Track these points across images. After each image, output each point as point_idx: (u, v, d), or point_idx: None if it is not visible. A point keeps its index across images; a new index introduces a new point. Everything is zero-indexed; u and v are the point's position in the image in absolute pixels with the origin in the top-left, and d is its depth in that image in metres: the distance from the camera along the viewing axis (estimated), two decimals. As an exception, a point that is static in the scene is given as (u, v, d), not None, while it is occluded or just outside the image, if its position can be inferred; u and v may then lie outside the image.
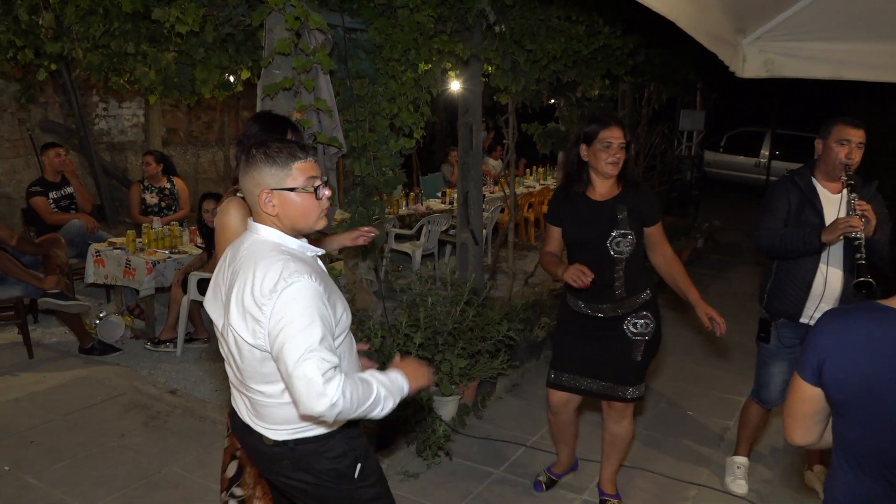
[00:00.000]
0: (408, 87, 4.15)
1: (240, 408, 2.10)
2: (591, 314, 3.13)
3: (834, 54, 3.32)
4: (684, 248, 8.37)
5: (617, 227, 2.99)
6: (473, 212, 5.35)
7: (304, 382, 1.74)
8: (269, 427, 2.00)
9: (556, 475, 3.62)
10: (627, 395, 3.15)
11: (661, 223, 3.13)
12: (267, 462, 2.08)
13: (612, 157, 2.98)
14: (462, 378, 4.07)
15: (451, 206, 7.81)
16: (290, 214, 1.94)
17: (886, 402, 1.54)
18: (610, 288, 3.04)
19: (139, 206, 6.29)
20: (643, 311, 3.10)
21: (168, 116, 9.37)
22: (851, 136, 3.09)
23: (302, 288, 1.81)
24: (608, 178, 3.05)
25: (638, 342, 3.09)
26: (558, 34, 5.01)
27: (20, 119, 7.91)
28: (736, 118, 15.00)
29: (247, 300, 1.85)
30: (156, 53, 3.88)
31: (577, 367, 3.21)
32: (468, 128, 5.26)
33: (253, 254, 1.91)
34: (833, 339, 1.60)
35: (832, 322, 1.63)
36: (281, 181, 1.91)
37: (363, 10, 3.94)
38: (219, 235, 2.68)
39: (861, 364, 1.56)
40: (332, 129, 3.73)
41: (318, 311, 1.82)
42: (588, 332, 3.17)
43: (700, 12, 2.82)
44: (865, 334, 1.57)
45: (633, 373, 3.13)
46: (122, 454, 3.83)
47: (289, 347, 1.76)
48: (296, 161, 1.92)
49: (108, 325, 5.32)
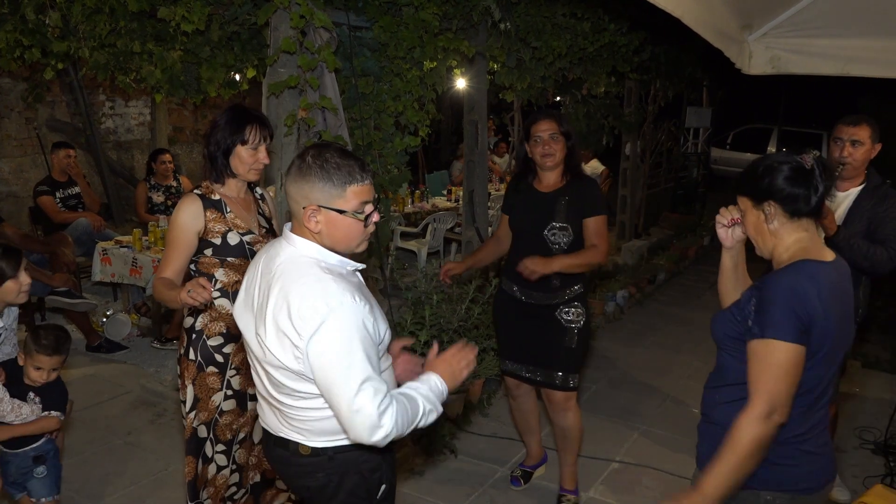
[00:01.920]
0: (413, 84, 4.14)
1: (268, 420, 2.00)
2: (524, 300, 3.21)
3: (841, 50, 3.30)
4: (690, 246, 8.35)
5: (554, 219, 3.07)
6: (479, 209, 5.35)
7: (360, 417, 1.68)
8: (308, 437, 1.90)
9: (530, 467, 3.66)
10: (562, 383, 3.19)
11: (604, 219, 3.10)
12: (298, 476, 1.97)
13: (542, 150, 3.08)
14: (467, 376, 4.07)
15: (456, 204, 7.81)
16: (333, 235, 1.83)
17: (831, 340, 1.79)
18: (546, 278, 3.07)
19: (146, 205, 6.30)
20: (575, 302, 3.17)
21: (174, 115, 9.39)
22: (843, 133, 3.14)
23: (347, 314, 1.72)
24: (547, 170, 3.13)
25: (572, 328, 3.16)
26: (564, 31, 5.00)
27: (27, 118, 7.94)
28: (742, 115, 14.97)
29: (282, 322, 1.75)
30: (162, 52, 3.88)
31: (515, 354, 3.31)
32: (474, 125, 5.25)
33: (290, 270, 1.80)
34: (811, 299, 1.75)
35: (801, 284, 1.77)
36: (331, 200, 1.79)
37: (368, 8, 3.94)
38: (169, 233, 2.64)
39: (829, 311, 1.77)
40: (337, 127, 3.73)
41: (362, 338, 1.73)
42: (520, 317, 3.25)
43: (706, 9, 2.81)
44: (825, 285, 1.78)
45: (568, 359, 3.18)
46: (130, 451, 3.84)
47: (341, 382, 1.69)
48: (352, 184, 1.79)
49: (115, 323, 5.34)
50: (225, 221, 2.64)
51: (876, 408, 4.53)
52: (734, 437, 1.77)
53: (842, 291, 1.86)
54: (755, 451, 1.77)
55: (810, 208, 1.83)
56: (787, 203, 1.84)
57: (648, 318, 6.36)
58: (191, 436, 2.70)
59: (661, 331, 5.96)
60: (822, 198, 1.84)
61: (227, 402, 2.73)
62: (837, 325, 1.82)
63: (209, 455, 2.74)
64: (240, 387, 2.74)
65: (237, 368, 2.72)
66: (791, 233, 1.87)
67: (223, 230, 2.62)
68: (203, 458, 2.74)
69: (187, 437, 2.71)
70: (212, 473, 2.75)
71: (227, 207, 2.66)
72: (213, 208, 2.63)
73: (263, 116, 2.71)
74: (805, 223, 1.86)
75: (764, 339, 1.76)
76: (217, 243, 2.62)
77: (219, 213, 2.63)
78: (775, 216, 1.86)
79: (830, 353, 1.83)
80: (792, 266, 1.82)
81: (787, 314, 1.74)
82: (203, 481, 2.75)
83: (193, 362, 2.67)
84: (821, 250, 1.87)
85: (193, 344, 2.67)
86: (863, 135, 3.12)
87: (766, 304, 1.78)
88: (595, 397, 4.63)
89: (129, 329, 5.40)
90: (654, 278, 7.15)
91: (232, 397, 2.74)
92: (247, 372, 2.71)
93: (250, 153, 2.62)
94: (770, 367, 1.75)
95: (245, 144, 2.60)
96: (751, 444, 1.75)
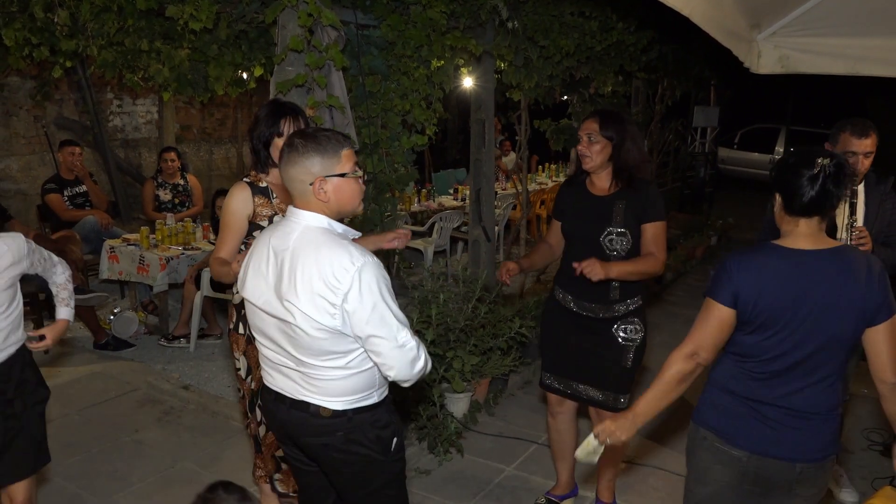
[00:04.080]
0: (420, 83, 4.14)
1: (284, 386, 2.14)
2: (578, 312, 3.02)
3: (850, 50, 3.28)
4: (697, 246, 8.33)
5: (611, 224, 2.90)
6: (485, 208, 5.34)
7: (405, 352, 1.99)
8: (329, 399, 2.07)
9: (557, 497, 3.41)
10: (613, 403, 3.02)
11: (663, 225, 2.94)
12: (317, 436, 2.12)
13: (580, 150, 2.95)
14: (474, 375, 4.07)
15: (463, 203, 7.80)
16: (339, 200, 2.04)
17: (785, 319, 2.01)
18: (604, 288, 2.91)
19: (153, 203, 6.32)
20: (633, 318, 2.98)
21: (182, 113, 9.43)
22: (856, 147, 3.04)
23: (374, 266, 1.97)
24: (590, 171, 2.96)
25: (629, 347, 2.97)
26: (571, 30, 4.99)
27: (36, 116, 7.98)
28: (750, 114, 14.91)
29: (317, 285, 1.94)
30: (169, 50, 3.89)
31: (565, 370, 3.11)
32: (481, 124, 5.25)
33: (309, 241, 2.01)
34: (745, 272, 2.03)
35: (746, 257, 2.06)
36: (331, 168, 2.01)
37: (376, 6, 3.94)
38: (220, 218, 2.86)
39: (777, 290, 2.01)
40: (344, 125, 3.73)
41: (388, 286, 2.00)
42: (574, 332, 3.05)
43: (714, 8, 2.80)
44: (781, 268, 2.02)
45: (623, 380, 3.01)
46: (137, 449, 3.86)
47: (384, 325, 1.95)
48: (343, 148, 2.03)
49: (122, 320, 5.35)
50: (272, 206, 2.84)
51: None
52: (664, 369, 2.15)
53: (822, 277, 1.99)
54: (678, 382, 2.14)
55: (800, 209, 2.00)
56: (785, 200, 2.03)
57: (655, 317, 6.33)
58: (251, 398, 2.98)
59: (667, 330, 5.94)
60: (814, 202, 1.97)
61: None
62: (803, 309, 1.99)
63: (259, 419, 2.98)
64: None
65: None
66: (788, 223, 2.06)
67: (270, 214, 2.83)
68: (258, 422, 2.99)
69: (248, 400, 3.00)
70: (263, 432, 3.01)
71: (274, 194, 2.86)
72: (261, 194, 2.84)
73: (299, 108, 2.88)
74: (798, 220, 2.02)
75: (705, 296, 2.11)
76: (265, 226, 2.80)
77: (266, 199, 2.84)
78: (778, 206, 2.07)
79: (791, 333, 2.01)
80: (758, 245, 2.12)
81: (723, 280, 2.05)
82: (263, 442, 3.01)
83: (243, 336, 2.92)
84: (797, 239, 2.03)
85: (242, 319, 2.89)
86: (873, 143, 3.08)
87: (718, 268, 2.11)
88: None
89: (136, 327, 5.41)
90: (660, 278, 7.13)
91: None
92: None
93: None
94: (702, 318, 2.10)
95: (281, 136, 2.79)
96: (675, 375, 2.13)
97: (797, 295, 1.99)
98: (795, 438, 2.08)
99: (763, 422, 2.10)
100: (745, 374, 2.13)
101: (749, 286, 2.01)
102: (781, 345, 2.03)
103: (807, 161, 1.97)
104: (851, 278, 1.99)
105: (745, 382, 2.13)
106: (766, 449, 2.10)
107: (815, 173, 1.94)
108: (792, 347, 2.03)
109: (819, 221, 2.02)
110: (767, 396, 2.09)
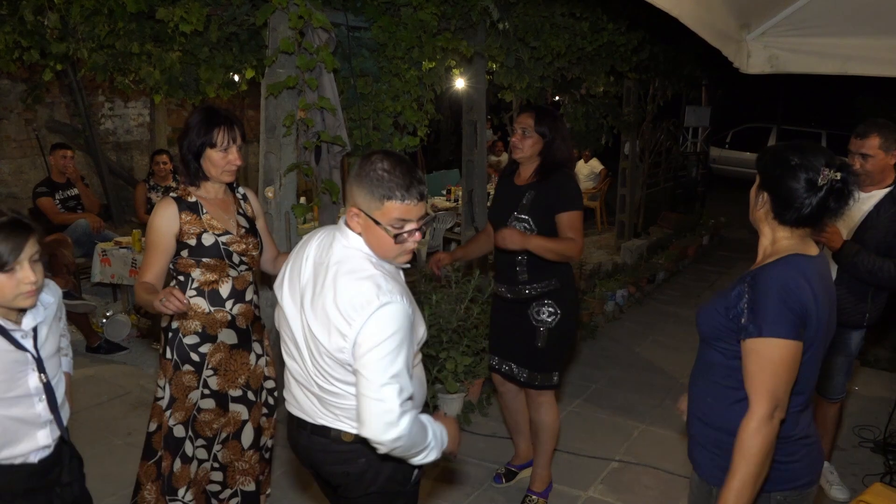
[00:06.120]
0: (412, 85, 4.15)
1: (303, 407, 2.03)
2: (500, 294, 3.26)
3: (840, 49, 3.30)
4: (689, 245, 8.36)
5: (516, 210, 3.08)
6: (478, 209, 5.35)
7: (382, 408, 1.76)
8: (352, 424, 1.93)
9: (516, 467, 3.63)
10: (528, 380, 3.20)
11: (578, 215, 3.02)
12: (338, 463, 2.00)
13: (512, 141, 3.13)
14: (467, 376, 4.08)
15: (455, 204, 7.81)
16: (369, 240, 1.89)
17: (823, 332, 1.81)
18: (513, 270, 3.13)
19: (145, 206, 6.30)
20: (546, 300, 3.13)
21: (173, 116, 9.39)
22: (852, 146, 3.19)
23: (396, 311, 1.79)
24: (519, 162, 3.15)
25: (541, 330, 3.13)
26: (562, 31, 5.00)
27: (27, 119, 7.94)
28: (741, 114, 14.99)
29: (331, 312, 1.82)
30: (160, 53, 3.89)
31: (496, 349, 3.36)
32: (472, 125, 5.26)
33: (341, 261, 1.88)
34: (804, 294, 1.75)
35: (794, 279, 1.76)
36: (370, 209, 1.85)
37: (367, 8, 3.94)
38: (148, 238, 2.62)
39: (820, 304, 1.78)
40: (335, 127, 3.73)
41: (406, 336, 1.81)
42: (503, 314, 3.29)
43: (704, 8, 2.81)
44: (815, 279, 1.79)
45: (537, 359, 3.17)
46: (129, 452, 3.84)
47: (374, 369, 1.76)
48: (390, 200, 1.82)
49: (115, 323, 5.34)
50: (200, 223, 2.62)
51: (875, 406, 4.53)
52: (745, 446, 1.73)
53: (828, 284, 1.87)
54: (767, 455, 1.74)
55: (792, 221, 1.83)
56: (777, 206, 1.84)
57: (648, 317, 6.36)
58: (168, 434, 2.70)
59: (660, 330, 5.96)
60: (810, 218, 1.80)
61: (204, 401, 2.71)
62: (827, 317, 1.83)
63: (189, 454, 2.73)
64: (218, 387, 2.71)
65: (214, 369, 2.70)
66: (776, 229, 1.87)
67: (198, 231, 2.61)
68: (182, 457, 2.72)
69: (164, 434, 2.70)
70: (193, 470, 2.74)
71: (204, 209, 2.65)
72: (189, 210, 2.62)
73: (233, 116, 2.67)
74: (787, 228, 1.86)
75: (762, 337, 1.73)
76: (192, 244, 2.60)
77: (194, 216, 2.62)
78: (764, 206, 1.87)
79: (821, 347, 1.85)
80: (782, 260, 1.81)
81: (782, 310, 1.72)
82: (185, 481, 2.73)
83: (170, 361, 2.67)
84: (807, 245, 1.87)
85: (170, 342, 2.67)
86: (871, 146, 3.12)
87: (761, 300, 1.75)
88: (594, 396, 4.64)
89: (128, 330, 5.40)
90: (653, 277, 7.15)
91: (210, 397, 2.71)
92: (225, 373, 2.71)
93: (221, 155, 2.60)
94: (770, 366, 1.73)
95: (214, 147, 2.58)
96: (763, 449, 1.73)
97: (824, 305, 1.81)
98: (821, 450, 1.98)
99: (815, 444, 1.92)
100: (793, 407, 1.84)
101: (809, 308, 1.75)
102: (812, 363, 1.84)
103: (811, 166, 1.75)
104: (831, 277, 1.94)
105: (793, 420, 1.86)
106: (818, 471, 1.95)
107: (820, 185, 1.73)
108: (816, 362, 1.86)
109: (810, 232, 1.86)
110: (808, 422, 1.91)
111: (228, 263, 2.66)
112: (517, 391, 3.45)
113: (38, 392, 1.99)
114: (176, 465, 2.71)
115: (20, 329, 1.94)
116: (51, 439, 2.06)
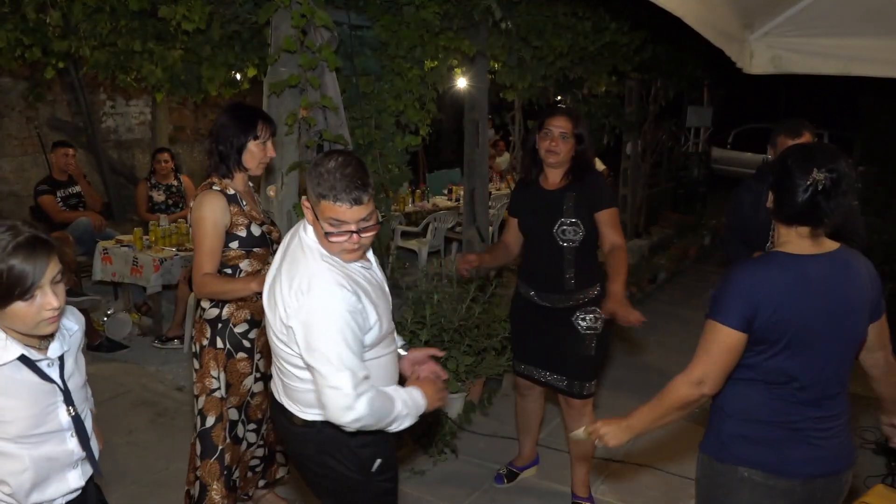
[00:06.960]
0: (414, 84, 4.14)
1: (277, 387, 2.15)
2: (540, 303, 3.16)
3: (842, 50, 3.30)
4: (691, 245, 8.35)
5: (563, 216, 3.02)
6: (479, 209, 5.35)
7: (338, 394, 1.84)
8: (300, 408, 2.05)
9: (517, 468, 3.62)
10: (577, 390, 3.15)
11: (615, 211, 3.07)
12: (294, 444, 2.13)
13: (548, 145, 3.02)
14: (468, 375, 4.07)
15: (457, 204, 7.81)
16: (316, 232, 1.97)
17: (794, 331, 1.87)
18: (560, 278, 3.06)
19: (146, 204, 6.30)
20: (592, 307, 3.09)
21: (175, 114, 9.40)
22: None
23: (339, 297, 1.87)
24: (549, 166, 3.09)
25: (589, 336, 3.10)
26: (565, 30, 4.99)
27: (28, 117, 7.95)
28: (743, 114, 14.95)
29: (278, 297, 1.95)
30: (162, 51, 3.89)
31: (530, 357, 3.26)
32: (474, 125, 5.25)
33: (296, 253, 1.98)
34: (761, 288, 1.86)
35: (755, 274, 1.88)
36: (313, 203, 1.93)
37: (369, 7, 3.94)
38: (194, 230, 2.69)
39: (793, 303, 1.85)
40: (337, 126, 3.73)
41: (346, 322, 1.86)
42: (538, 322, 3.19)
43: (707, 8, 2.81)
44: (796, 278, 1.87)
45: (586, 367, 3.14)
46: (130, 451, 3.84)
47: (321, 356, 1.84)
48: (325, 199, 1.87)
49: (116, 322, 5.34)
50: (245, 214, 2.75)
51: (877, 407, 4.52)
52: (666, 391, 1.98)
53: (827, 284, 1.89)
54: (679, 408, 1.97)
55: (787, 218, 1.91)
56: (775, 205, 1.95)
57: (649, 317, 6.26)
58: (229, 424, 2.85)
59: (661, 330, 5.95)
60: (802, 214, 1.87)
61: (256, 385, 2.91)
62: (814, 318, 1.87)
63: (240, 436, 2.90)
64: (265, 369, 2.90)
65: (261, 352, 2.88)
66: (779, 227, 1.97)
67: (246, 223, 2.74)
68: (234, 439, 2.87)
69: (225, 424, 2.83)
70: (242, 450, 2.92)
71: (243, 201, 2.78)
72: (233, 203, 2.74)
73: (266, 113, 2.86)
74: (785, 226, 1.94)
75: (707, 318, 1.93)
76: (242, 236, 2.73)
77: (238, 207, 2.74)
78: (771, 205, 1.97)
79: (803, 346, 1.88)
80: (763, 256, 1.95)
81: (734, 300, 1.87)
82: (234, 461, 2.87)
83: (222, 350, 2.80)
84: (804, 245, 1.91)
85: (220, 333, 2.79)
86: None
87: (720, 287, 1.93)
88: (595, 396, 4.62)
89: (129, 328, 5.40)
90: (654, 278, 7.14)
91: (260, 379, 2.92)
92: (268, 355, 2.82)
93: (260, 148, 2.76)
94: (708, 345, 1.93)
95: (257, 140, 2.73)
96: (677, 401, 1.96)
97: (814, 306, 1.86)
98: (836, 447, 1.98)
99: (807, 442, 1.95)
100: (778, 400, 1.94)
101: (764, 305, 1.84)
102: (789, 360, 1.89)
103: (803, 167, 1.83)
104: (858, 278, 1.93)
105: (780, 407, 1.94)
106: (815, 470, 1.97)
107: (807, 186, 1.82)
108: (825, 362, 1.91)
109: (811, 231, 1.90)
110: (809, 415, 1.95)
111: (271, 251, 2.81)
112: (540, 394, 3.43)
113: (69, 427, 1.80)
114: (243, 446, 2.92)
115: (46, 357, 1.75)
116: (83, 480, 1.87)
